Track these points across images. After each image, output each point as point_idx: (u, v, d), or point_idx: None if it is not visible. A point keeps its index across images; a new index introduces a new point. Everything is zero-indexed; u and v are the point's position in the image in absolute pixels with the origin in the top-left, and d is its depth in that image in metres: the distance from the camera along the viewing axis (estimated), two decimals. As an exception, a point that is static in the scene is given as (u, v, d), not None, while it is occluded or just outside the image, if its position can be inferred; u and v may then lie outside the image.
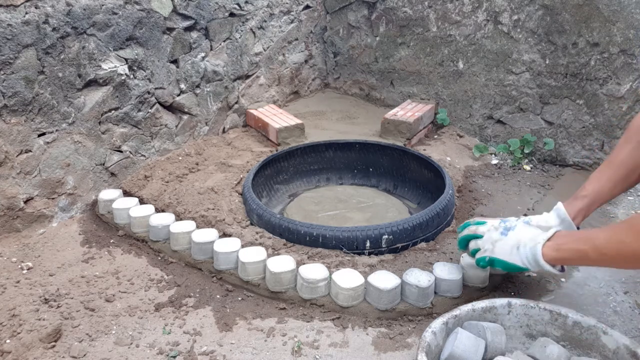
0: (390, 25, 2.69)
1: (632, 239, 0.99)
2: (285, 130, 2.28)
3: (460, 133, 2.50)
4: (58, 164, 1.79)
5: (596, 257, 1.07)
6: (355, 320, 1.36)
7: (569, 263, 1.16)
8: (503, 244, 1.24)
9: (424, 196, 2.00)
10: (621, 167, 1.26)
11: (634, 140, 1.25)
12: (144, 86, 2.01)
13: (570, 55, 2.14)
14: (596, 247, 1.06)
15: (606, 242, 1.04)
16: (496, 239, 1.26)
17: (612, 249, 1.03)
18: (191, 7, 2.13)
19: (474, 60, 2.42)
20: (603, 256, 1.05)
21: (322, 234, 1.55)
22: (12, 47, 1.58)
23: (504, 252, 1.23)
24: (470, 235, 1.35)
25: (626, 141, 1.27)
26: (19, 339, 1.24)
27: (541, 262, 1.15)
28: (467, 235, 1.36)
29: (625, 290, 1.46)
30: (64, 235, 1.75)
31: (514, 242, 1.22)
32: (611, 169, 1.27)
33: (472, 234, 1.34)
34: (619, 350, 1.10)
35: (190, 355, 1.24)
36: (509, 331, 1.22)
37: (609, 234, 1.05)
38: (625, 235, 1.00)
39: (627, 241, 1.00)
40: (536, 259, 1.16)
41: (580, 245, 1.09)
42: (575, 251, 1.10)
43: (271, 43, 2.65)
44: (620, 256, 1.02)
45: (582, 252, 1.08)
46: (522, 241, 1.20)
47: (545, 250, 1.15)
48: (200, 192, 1.87)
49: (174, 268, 1.59)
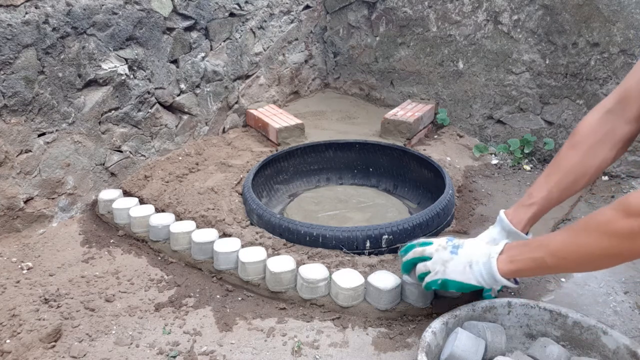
0: (390, 25, 2.69)
1: (589, 240, 0.97)
2: (285, 130, 2.28)
3: (460, 133, 2.50)
4: (58, 164, 1.79)
5: (553, 263, 1.04)
6: (355, 320, 1.36)
7: (527, 274, 1.14)
8: (455, 264, 1.17)
9: (424, 196, 2.00)
10: (570, 174, 1.25)
11: (583, 146, 1.24)
12: (144, 86, 2.01)
13: (570, 55, 2.14)
14: (552, 252, 1.03)
15: (562, 245, 1.02)
16: (447, 259, 1.18)
17: (568, 252, 1.01)
18: (191, 7, 2.13)
19: (474, 60, 2.42)
20: (560, 260, 1.03)
21: (322, 234, 1.55)
22: (12, 47, 1.58)
23: (456, 272, 1.16)
24: (417, 258, 1.25)
25: (574, 147, 1.25)
26: (19, 339, 1.24)
27: (497, 276, 1.11)
28: (414, 259, 1.26)
29: (625, 290, 1.46)
30: (64, 235, 1.75)
31: (466, 260, 1.16)
32: (558, 175, 1.25)
33: (419, 256, 1.24)
34: (619, 350, 1.10)
35: (190, 355, 1.24)
36: (509, 331, 1.22)
37: (563, 237, 1.03)
38: (583, 236, 0.99)
39: (585, 242, 0.98)
40: (492, 274, 1.12)
41: (535, 253, 1.07)
42: (530, 260, 1.07)
43: (271, 43, 2.65)
44: (578, 258, 1.00)
45: (538, 260, 1.06)
46: (474, 258, 1.15)
47: (500, 265, 1.11)
48: (200, 192, 1.87)
49: (174, 268, 1.59)
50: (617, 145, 1.23)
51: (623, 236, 0.93)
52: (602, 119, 1.24)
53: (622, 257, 0.97)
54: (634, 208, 0.91)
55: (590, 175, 1.26)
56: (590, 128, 1.25)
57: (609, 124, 1.23)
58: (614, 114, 1.23)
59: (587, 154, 1.24)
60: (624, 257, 0.97)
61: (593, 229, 0.97)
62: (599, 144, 1.23)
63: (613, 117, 1.23)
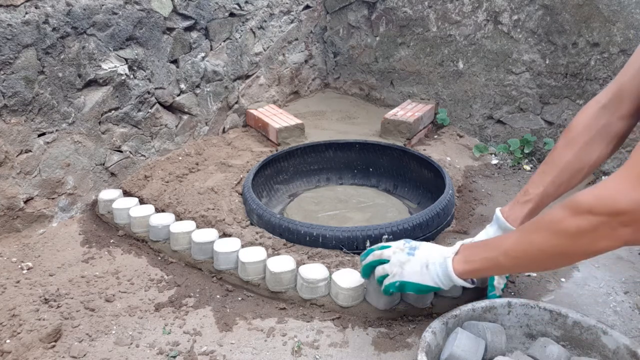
0: (390, 25, 2.69)
1: (539, 238, 0.97)
2: (285, 130, 2.28)
3: (460, 133, 2.50)
4: (58, 164, 1.79)
5: (507, 263, 1.04)
6: (355, 320, 1.35)
7: (482, 274, 1.14)
8: (412, 265, 1.17)
9: (424, 196, 2.00)
10: (565, 171, 1.25)
11: (578, 142, 1.24)
12: (144, 86, 2.01)
13: (570, 55, 2.14)
14: (505, 251, 1.03)
15: (515, 244, 1.02)
16: (404, 261, 1.18)
17: (520, 251, 1.01)
18: (191, 7, 2.13)
19: (474, 60, 2.42)
20: (513, 260, 1.03)
21: (322, 234, 1.55)
22: (12, 47, 1.58)
23: (413, 273, 1.16)
24: (375, 261, 1.25)
25: (568, 143, 1.25)
26: (19, 339, 1.24)
27: (453, 277, 1.11)
28: (372, 262, 1.26)
29: (625, 290, 1.46)
30: (64, 235, 1.75)
31: (422, 261, 1.16)
32: (555, 171, 1.25)
33: (377, 259, 1.24)
34: (619, 350, 1.10)
35: (190, 355, 1.24)
36: (509, 331, 1.22)
37: (516, 237, 1.03)
38: (534, 235, 0.99)
39: (536, 241, 0.98)
40: (447, 275, 1.12)
41: (489, 253, 1.07)
42: (485, 260, 1.08)
43: (271, 43, 2.65)
44: (530, 257, 1.00)
45: (493, 259, 1.06)
46: (430, 259, 1.16)
47: (454, 265, 1.12)
48: (200, 192, 1.87)
49: (174, 268, 1.59)
50: (612, 141, 1.23)
51: (571, 235, 0.93)
52: (596, 115, 1.24)
53: (572, 255, 0.97)
54: (583, 206, 0.91)
55: (586, 172, 1.26)
56: (585, 124, 1.25)
57: (604, 120, 1.23)
58: (608, 110, 1.22)
59: (583, 151, 1.24)
60: (573, 255, 0.97)
61: (543, 228, 0.97)
62: (594, 140, 1.23)
63: (607, 113, 1.22)
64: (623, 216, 0.87)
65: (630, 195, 0.86)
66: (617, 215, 0.87)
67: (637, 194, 0.86)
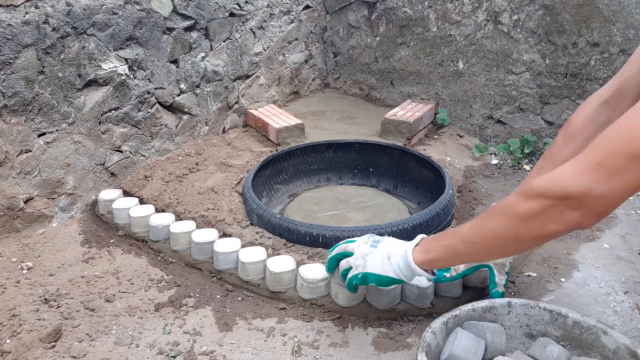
0: (390, 25, 2.69)
1: (494, 222, 0.98)
2: (285, 130, 2.28)
3: (460, 133, 2.50)
4: (58, 164, 1.79)
5: (464, 249, 1.05)
6: (355, 320, 1.36)
7: (442, 263, 1.14)
8: (374, 257, 1.18)
9: (424, 196, 2.00)
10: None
11: (578, 138, 1.23)
12: (144, 86, 2.01)
13: (570, 55, 2.15)
14: (462, 238, 1.04)
15: (470, 230, 1.03)
16: (367, 253, 1.19)
17: (476, 236, 1.02)
18: (191, 7, 2.13)
19: (474, 60, 2.42)
20: (470, 245, 1.03)
21: (322, 234, 1.55)
22: (12, 47, 1.58)
23: (375, 265, 1.17)
24: (339, 254, 1.26)
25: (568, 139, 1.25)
26: (19, 339, 1.24)
27: (413, 266, 1.12)
28: (337, 255, 1.26)
29: (625, 290, 1.46)
30: (64, 235, 1.75)
31: (384, 253, 1.17)
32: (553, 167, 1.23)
33: (342, 252, 1.25)
34: (619, 350, 1.10)
35: (190, 355, 1.24)
36: (509, 331, 1.22)
37: (473, 223, 1.04)
38: (489, 219, 1.00)
39: (488, 225, 0.99)
40: (408, 265, 1.13)
41: (447, 240, 1.08)
42: (444, 248, 1.08)
43: (271, 43, 2.65)
44: (485, 242, 1.01)
45: (451, 247, 1.07)
46: (392, 250, 1.17)
47: (415, 255, 1.12)
48: (200, 192, 1.87)
49: (174, 268, 1.59)
50: None
51: (522, 218, 0.94)
52: (597, 110, 1.23)
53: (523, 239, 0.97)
54: (535, 190, 0.92)
55: None
56: (585, 120, 1.24)
57: (604, 116, 1.21)
58: (609, 105, 1.21)
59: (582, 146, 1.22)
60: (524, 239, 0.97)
61: (498, 213, 0.98)
62: (594, 136, 1.22)
63: (609, 109, 1.21)
64: (572, 200, 0.88)
65: (580, 180, 0.87)
66: (566, 198, 0.88)
67: (587, 179, 0.86)
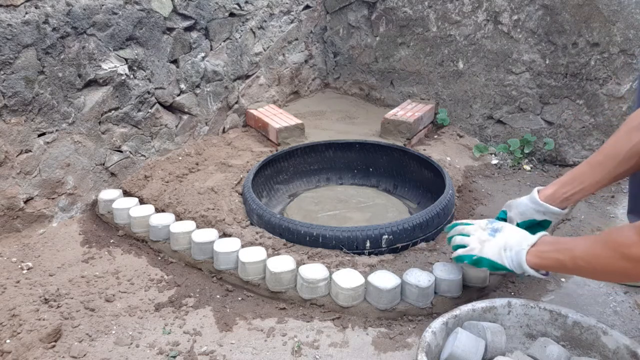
0: (390, 25, 2.69)
1: (605, 255, 1.02)
2: (285, 130, 2.28)
3: (460, 133, 2.50)
4: (58, 164, 1.79)
5: (572, 267, 1.09)
6: (355, 320, 1.36)
7: (550, 270, 1.18)
8: (492, 245, 1.25)
9: (424, 196, 2.00)
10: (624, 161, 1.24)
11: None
12: (144, 86, 2.01)
13: (570, 55, 2.14)
14: (573, 258, 1.08)
15: (582, 254, 1.07)
16: (484, 239, 1.27)
17: (586, 262, 1.06)
18: (191, 7, 2.13)
19: (474, 60, 2.42)
20: (578, 268, 1.08)
21: (322, 234, 1.55)
22: (12, 47, 1.58)
23: (492, 253, 1.24)
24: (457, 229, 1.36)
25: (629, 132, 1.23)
26: (19, 339, 1.24)
27: (525, 266, 1.17)
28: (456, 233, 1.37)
29: (625, 290, 1.46)
30: (64, 235, 1.75)
31: (501, 244, 1.23)
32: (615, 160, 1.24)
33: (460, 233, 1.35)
34: (619, 350, 1.10)
35: (190, 355, 1.24)
36: (509, 331, 1.22)
37: (586, 247, 1.07)
38: (600, 250, 1.03)
39: (601, 256, 1.02)
40: (520, 264, 1.18)
41: (560, 255, 1.12)
42: (554, 260, 1.13)
43: (271, 43, 2.65)
44: (593, 270, 1.06)
45: (561, 262, 1.11)
46: (509, 244, 1.22)
47: (528, 257, 1.17)
48: (200, 192, 1.87)
49: (174, 268, 1.59)
50: None
51: (636, 260, 0.96)
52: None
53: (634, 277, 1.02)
54: None
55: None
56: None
57: None
58: None
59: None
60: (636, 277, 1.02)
61: (611, 247, 1.01)
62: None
63: None
64: None
65: None
66: None
67: None
